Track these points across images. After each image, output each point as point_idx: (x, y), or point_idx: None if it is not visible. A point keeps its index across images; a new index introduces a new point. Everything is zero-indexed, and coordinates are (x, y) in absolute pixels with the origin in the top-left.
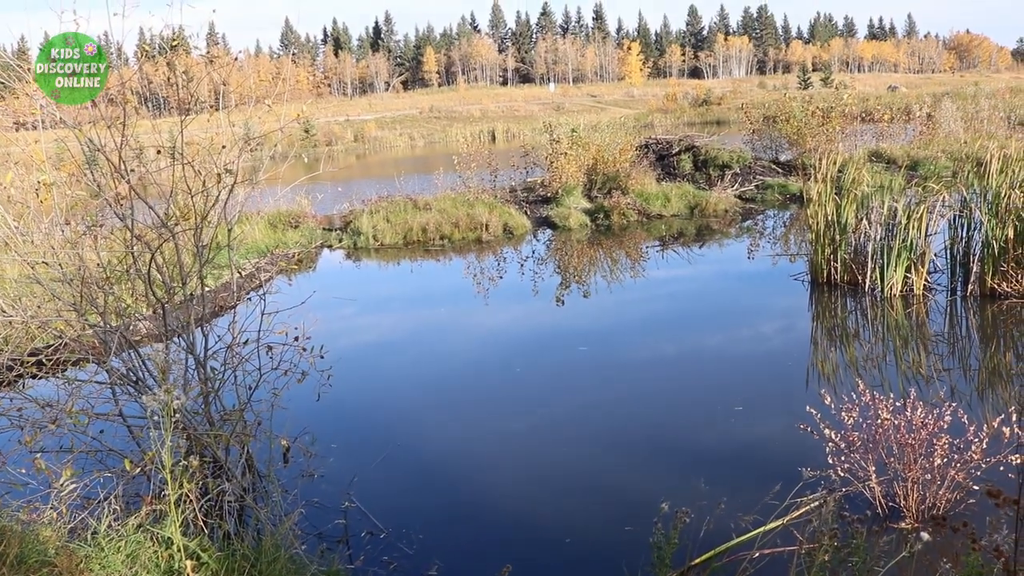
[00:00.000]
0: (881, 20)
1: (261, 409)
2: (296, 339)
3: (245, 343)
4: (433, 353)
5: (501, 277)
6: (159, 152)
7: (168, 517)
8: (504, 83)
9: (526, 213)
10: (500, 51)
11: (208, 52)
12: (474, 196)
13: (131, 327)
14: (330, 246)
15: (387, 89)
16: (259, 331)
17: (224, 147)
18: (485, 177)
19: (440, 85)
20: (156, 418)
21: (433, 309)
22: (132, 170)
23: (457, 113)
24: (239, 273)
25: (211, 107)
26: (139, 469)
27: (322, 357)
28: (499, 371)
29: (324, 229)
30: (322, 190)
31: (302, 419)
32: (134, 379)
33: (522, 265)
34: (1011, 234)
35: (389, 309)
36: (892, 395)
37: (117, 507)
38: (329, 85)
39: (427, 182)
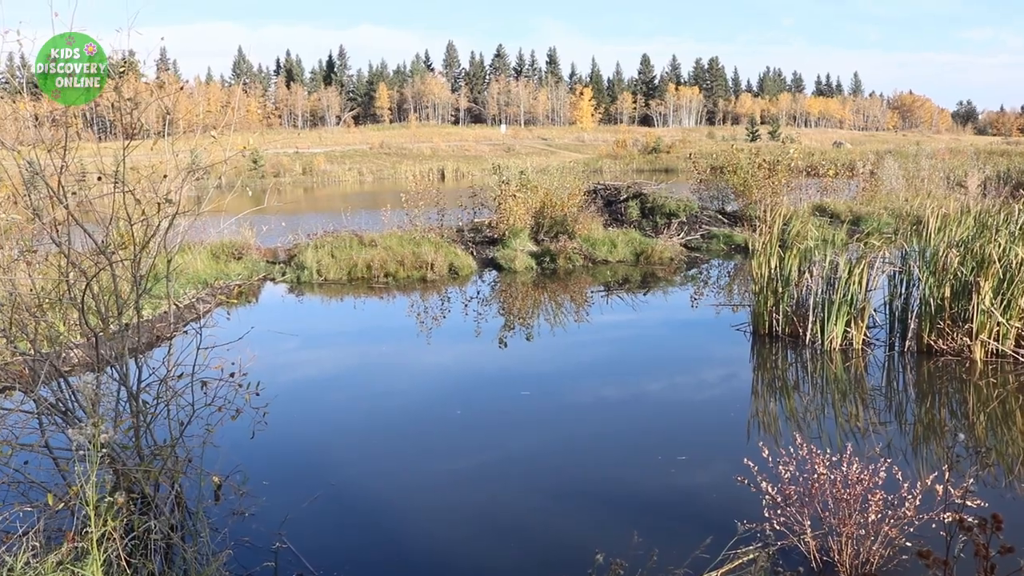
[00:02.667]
0: (828, 77)
1: (193, 445)
2: (232, 375)
3: (180, 377)
4: (373, 392)
5: (445, 317)
6: (100, 178)
7: (90, 556)
8: (456, 122)
9: (472, 254)
10: (453, 90)
11: (157, 78)
12: (421, 234)
13: (62, 356)
14: (273, 279)
15: (338, 123)
16: (195, 365)
17: (166, 176)
18: (433, 216)
19: (392, 121)
20: (83, 451)
21: (375, 347)
22: (73, 193)
23: (407, 150)
24: (177, 304)
25: (157, 134)
26: (62, 504)
27: (258, 394)
28: (439, 413)
29: (268, 262)
30: (267, 222)
31: (235, 456)
32: (63, 409)
33: (466, 305)
34: (947, 292)
35: (330, 346)
36: (829, 449)
37: (37, 543)
38: (280, 116)
39: (374, 218)
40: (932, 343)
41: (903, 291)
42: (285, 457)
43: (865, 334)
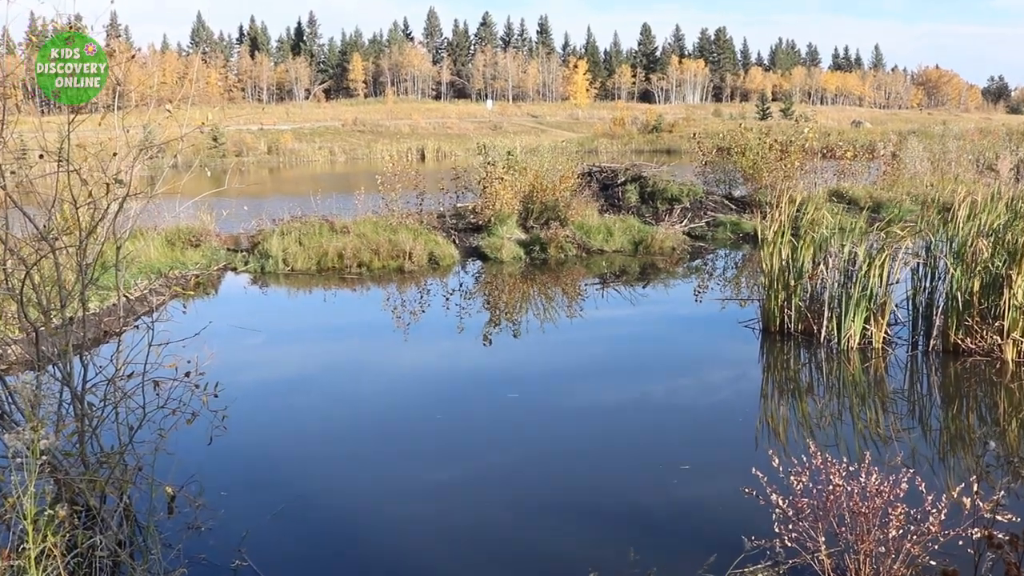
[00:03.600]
0: (847, 50)
1: (144, 452)
2: (188, 374)
3: (129, 376)
4: (344, 395)
5: (424, 311)
6: (42, 156)
7: (28, 574)
8: (437, 97)
9: (454, 242)
10: (434, 62)
11: (107, 45)
12: (398, 221)
13: None
14: (234, 269)
15: (307, 97)
16: (146, 363)
17: (116, 154)
18: (411, 200)
19: (366, 96)
20: (20, 459)
21: (347, 344)
22: (12, 172)
23: (384, 128)
24: (127, 296)
25: (106, 107)
26: None
27: (216, 395)
28: (417, 418)
29: (229, 250)
30: (229, 206)
31: (190, 465)
32: None
33: (448, 299)
34: (977, 286)
35: (297, 343)
36: (846, 458)
37: None
38: (243, 89)
39: (347, 203)
40: (959, 342)
41: (928, 285)
42: (246, 466)
43: (886, 332)
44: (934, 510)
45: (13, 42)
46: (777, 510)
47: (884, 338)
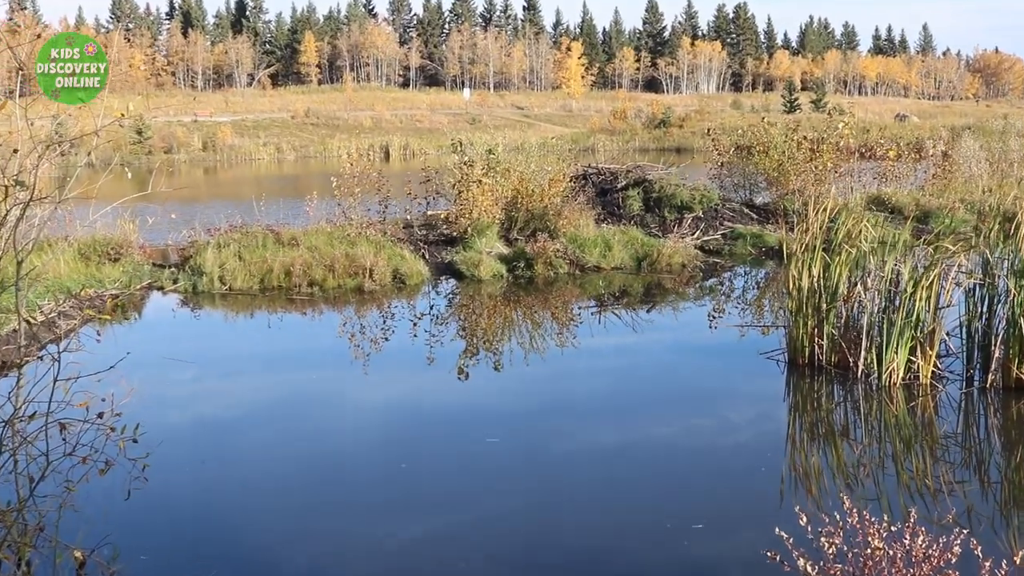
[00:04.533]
0: (890, 31)
1: (48, 508)
2: (101, 415)
3: (31, 417)
4: (291, 439)
5: (387, 339)
6: None
7: None
8: (405, 85)
9: (424, 257)
10: (402, 43)
11: (10, 19)
12: (357, 231)
13: None
14: (161, 288)
15: (251, 84)
16: (51, 401)
17: (17, 151)
18: (373, 207)
19: (321, 83)
20: None
21: (295, 378)
22: None
23: (341, 120)
24: (30, 321)
25: (7, 93)
26: None
27: (135, 440)
28: (379, 465)
29: (154, 265)
30: (155, 213)
31: (103, 524)
32: None
33: (416, 324)
34: None
35: (236, 376)
36: (888, 515)
37: None
38: (173, 74)
39: (296, 209)
40: (1023, 377)
41: (985, 310)
42: (170, 524)
43: (935, 365)
44: None
45: None
46: None
47: (933, 372)
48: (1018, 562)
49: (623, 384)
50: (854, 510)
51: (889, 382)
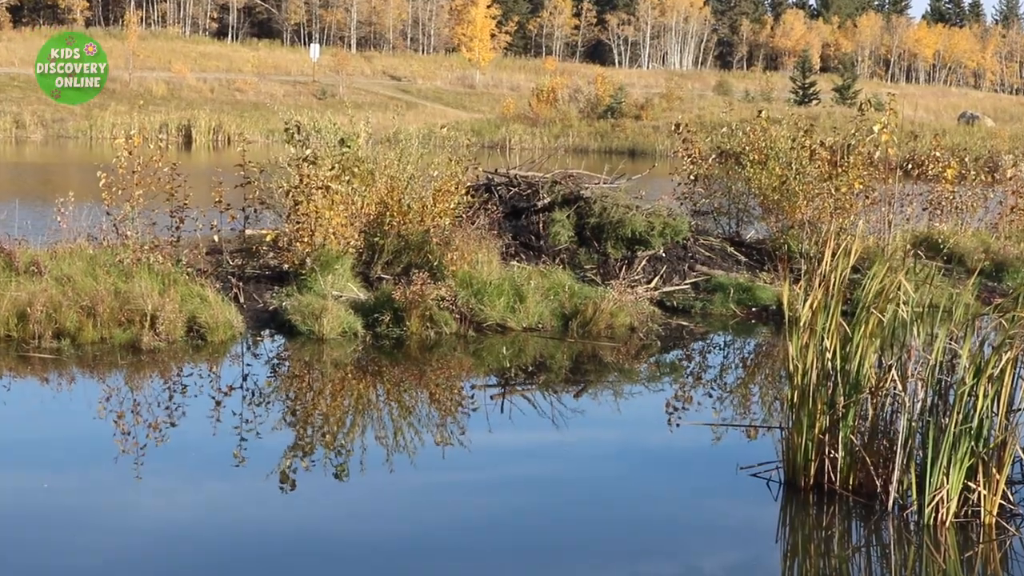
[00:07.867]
0: None
1: None
2: None
3: None
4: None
5: (174, 425)
6: None
7: None
8: (221, 34)
9: (238, 300)
10: None
11: None
12: (135, 257)
13: None
14: None
15: None
16: None
17: None
18: (162, 220)
19: (89, 24)
20: None
21: (23, 486)
22: None
23: (119, 83)
24: None
25: None
26: None
27: None
28: None
29: None
30: None
31: None
32: None
33: (220, 404)
34: None
35: None
36: None
37: None
38: None
39: (39, 218)
40: None
41: None
42: None
43: (1007, 495)
44: None
45: None
46: None
47: (1001, 507)
48: None
49: (535, 508)
50: None
51: (935, 520)
